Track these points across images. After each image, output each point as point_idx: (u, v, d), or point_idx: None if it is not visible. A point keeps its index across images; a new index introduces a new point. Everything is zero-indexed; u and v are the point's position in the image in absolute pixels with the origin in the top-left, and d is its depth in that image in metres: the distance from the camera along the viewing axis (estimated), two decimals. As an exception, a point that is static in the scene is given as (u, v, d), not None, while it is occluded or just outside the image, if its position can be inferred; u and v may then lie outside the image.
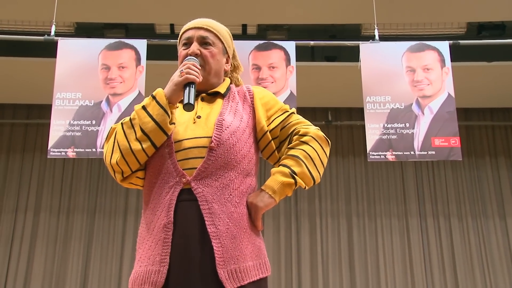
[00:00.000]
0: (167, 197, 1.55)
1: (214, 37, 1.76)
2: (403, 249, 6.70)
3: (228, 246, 1.50)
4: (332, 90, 6.50)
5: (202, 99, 1.72)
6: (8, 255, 6.47)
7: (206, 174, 1.55)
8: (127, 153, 1.58)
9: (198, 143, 1.59)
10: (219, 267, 1.47)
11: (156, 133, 1.57)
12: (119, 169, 1.61)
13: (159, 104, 1.58)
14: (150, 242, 1.56)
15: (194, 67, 1.62)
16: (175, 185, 1.55)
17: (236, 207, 1.56)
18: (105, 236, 6.61)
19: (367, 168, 7.03)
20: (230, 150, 1.58)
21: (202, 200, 1.53)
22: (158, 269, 1.50)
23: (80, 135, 4.12)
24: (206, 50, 1.73)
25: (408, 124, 4.21)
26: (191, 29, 1.78)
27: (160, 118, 1.56)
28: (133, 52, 4.33)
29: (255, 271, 1.54)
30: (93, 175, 6.86)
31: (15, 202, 6.69)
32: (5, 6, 5.44)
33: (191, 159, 1.57)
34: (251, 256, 1.55)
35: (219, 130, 1.59)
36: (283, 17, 5.75)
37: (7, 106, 7.01)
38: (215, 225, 1.51)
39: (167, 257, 1.50)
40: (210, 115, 1.66)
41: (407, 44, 4.43)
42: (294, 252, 6.64)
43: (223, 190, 1.55)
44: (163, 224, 1.53)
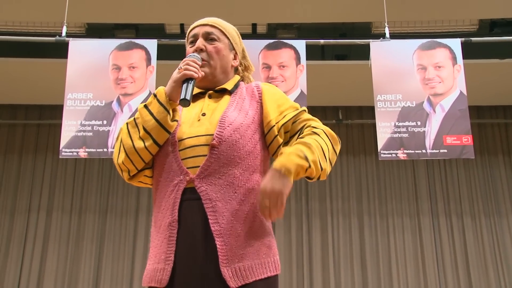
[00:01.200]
0: (171, 196, 1.56)
1: (219, 33, 1.77)
2: (415, 248, 6.66)
3: (232, 244, 1.49)
4: (343, 88, 6.48)
5: (209, 96, 1.72)
6: (21, 254, 6.52)
7: (209, 172, 1.54)
8: (131, 152, 1.60)
9: (201, 141, 1.58)
10: (222, 265, 1.47)
11: (157, 131, 1.58)
12: (126, 168, 1.63)
13: (159, 102, 1.59)
14: (157, 240, 1.57)
15: (193, 63, 1.62)
16: (179, 183, 1.55)
17: (242, 204, 1.55)
18: (117, 236, 6.64)
19: (378, 167, 7.00)
20: (233, 147, 1.56)
21: (205, 199, 1.52)
22: (163, 267, 1.51)
23: (91, 135, 4.15)
24: (211, 45, 1.73)
25: (419, 122, 4.18)
26: (197, 27, 1.79)
27: (160, 115, 1.57)
28: (143, 52, 4.34)
29: (263, 269, 1.52)
30: (105, 175, 6.90)
31: (28, 202, 6.74)
32: (17, 8, 5.49)
33: (194, 157, 1.57)
34: (258, 254, 1.53)
35: (222, 127, 1.58)
36: (293, 16, 5.74)
37: (20, 107, 7.07)
38: (218, 223, 1.50)
39: (171, 255, 1.50)
40: (215, 112, 1.65)
41: (418, 42, 4.40)
42: (306, 251, 6.62)
43: (227, 188, 1.54)
44: (168, 222, 1.54)
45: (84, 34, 5.92)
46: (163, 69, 4.49)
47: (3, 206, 6.72)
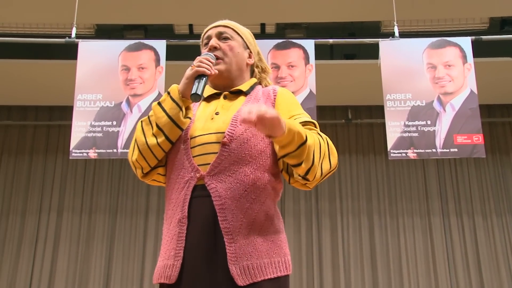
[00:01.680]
0: (182, 192, 1.56)
1: (232, 32, 1.79)
2: (426, 248, 6.62)
3: (241, 242, 1.48)
4: (352, 88, 6.46)
5: (224, 97, 1.73)
6: (32, 255, 6.57)
7: (220, 170, 1.54)
8: (144, 149, 1.61)
9: (213, 138, 1.58)
10: (230, 263, 1.46)
11: (170, 127, 1.59)
12: (139, 165, 1.64)
13: (172, 98, 1.61)
14: (168, 237, 1.58)
15: (205, 61, 1.63)
16: (189, 180, 1.56)
17: (252, 203, 1.53)
18: (127, 236, 6.67)
19: (388, 166, 6.97)
20: (244, 145, 1.56)
21: (215, 196, 1.51)
22: (172, 263, 1.51)
23: (101, 135, 4.16)
24: (224, 43, 1.75)
25: (429, 122, 4.16)
26: (210, 29, 1.81)
27: (172, 112, 1.59)
28: (152, 53, 4.35)
29: (272, 268, 1.51)
30: (115, 176, 6.93)
31: (39, 202, 6.79)
32: (27, 10, 5.52)
33: (206, 155, 1.57)
34: (268, 253, 1.52)
35: (234, 125, 1.58)
36: (302, 15, 5.73)
37: (30, 108, 7.12)
38: (227, 220, 1.49)
39: (181, 251, 1.51)
40: (228, 112, 1.65)
41: (428, 41, 4.37)
42: (316, 251, 6.61)
43: (238, 186, 1.53)
44: (178, 219, 1.54)
45: (93, 35, 5.94)
46: (172, 70, 4.50)
47: (15, 206, 6.77)
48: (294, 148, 1.47)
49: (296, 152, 1.48)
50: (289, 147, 1.47)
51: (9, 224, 6.69)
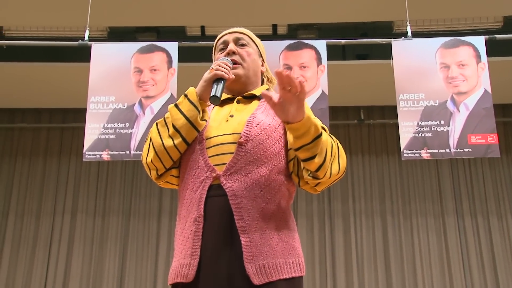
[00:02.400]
0: (197, 192, 1.57)
1: (248, 39, 1.84)
2: (440, 249, 6.57)
3: (257, 241, 1.49)
4: (364, 88, 6.43)
5: (238, 101, 1.75)
6: (47, 256, 6.62)
7: (236, 169, 1.56)
8: (160, 150, 1.62)
9: (229, 139, 1.60)
10: (246, 262, 1.47)
11: (187, 129, 1.61)
12: (154, 166, 1.65)
13: (190, 100, 1.63)
14: (183, 237, 1.58)
15: (224, 65, 1.66)
16: (205, 179, 1.57)
17: (268, 203, 1.55)
18: (140, 238, 6.70)
19: (401, 167, 6.93)
20: (259, 146, 1.58)
21: (231, 195, 1.53)
22: (189, 262, 1.52)
23: (114, 137, 4.18)
24: (242, 49, 1.79)
25: (443, 122, 4.13)
26: (226, 34, 1.85)
27: (190, 113, 1.61)
28: (164, 55, 4.37)
29: (287, 269, 1.52)
30: (127, 178, 6.96)
31: (53, 204, 6.84)
32: (40, 13, 5.57)
33: (221, 155, 1.59)
34: (283, 254, 1.53)
35: (249, 126, 1.60)
36: (314, 16, 5.72)
37: (44, 110, 7.17)
38: (244, 219, 1.51)
39: (197, 250, 1.51)
40: (243, 114, 1.68)
41: (441, 40, 4.34)
42: (328, 252, 6.59)
43: (253, 186, 1.54)
44: (193, 218, 1.55)
45: (106, 37, 5.98)
46: (184, 71, 4.51)
47: (29, 208, 6.83)
48: (309, 140, 1.49)
49: (311, 144, 1.49)
50: (305, 137, 1.49)
51: (24, 226, 6.75)
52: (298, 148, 1.52)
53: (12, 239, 6.68)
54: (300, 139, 1.50)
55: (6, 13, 5.59)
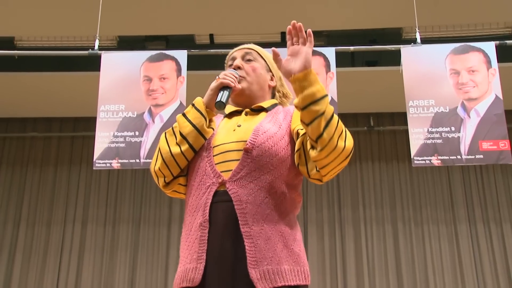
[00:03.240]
0: (203, 197, 1.59)
1: (256, 54, 1.88)
2: (453, 257, 6.51)
3: (261, 247, 1.50)
4: (374, 95, 6.42)
5: (245, 113, 1.79)
6: (58, 265, 6.64)
7: (241, 176, 1.58)
8: (168, 157, 1.66)
9: (235, 146, 1.63)
10: (250, 267, 1.47)
11: (193, 135, 1.65)
12: (161, 174, 1.68)
13: (197, 109, 1.68)
14: (189, 242, 1.60)
15: (230, 74, 1.72)
16: (211, 185, 1.59)
17: (273, 210, 1.56)
18: (150, 246, 6.70)
19: (411, 174, 6.89)
20: (265, 153, 1.59)
21: (236, 201, 1.54)
22: (195, 266, 1.53)
23: (124, 146, 4.19)
24: (248, 64, 1.84)
25: (453, 128, 4.10)
26: (236, 51, 1.90)
27: (196, 121, 1.66)
28: (173, 63, 4.38)
29: (292, 276, 1.51)
30: (137, 186, 6.97)
31: (64, 213, 6.86)
32: (51, 23, 5.62)
33: (228, 162, 1.61)
34: (287, 261, 1.53)
35: (256, 134, 1.63)
36: (322, 23, 5.72)
37: (55, 119, 7.22)
38: (248, 225, 1.52)
39: (203, 254, 1.52)
40: (250, 124, 1.71)
41: (451, 46, 4.32)
42: (339, 259, 6.55)
43: (259, 192, 1.56)
44: (199, 223, 1.57)
45: (115, 47, 6.02)
46: (194, 79, 4.53)
47: (40, 217, 6.86)
48: (316, 93, 1.53)
49: (319, 101, 1.52)
50: (311, 89, 1.52)
51: (35, 234, 6.78)
52: (305, 107, 1.52)
53: (24, 248, 6.71)
54: (307, 91, 1.52)
55: (17, 24, 5.65)
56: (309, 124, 1.53)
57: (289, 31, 1.63)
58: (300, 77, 1.55)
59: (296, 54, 1.59)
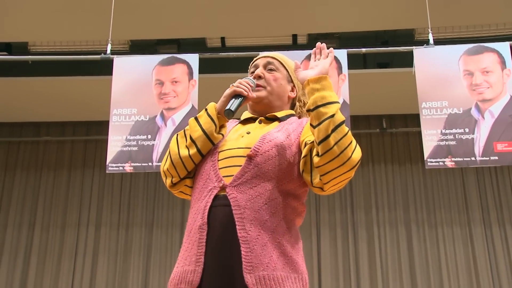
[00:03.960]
0: (203, 201, 1.61)
1: (278, 64, 1.88)
2: (468, 259, 6.44)
3: (257, 252, 1.50)
4: (386, 97, 6.38)
5: (259, 121, 1.80)
6: (72, 268, 6.68)
7: (242, 181, 1.59)
8: (176, 159, 1.70)
9: (239, 152, 1.65)
10: (245, 272, 1.47)
11: (202, 140, 1.68)
12: (169, 174, 1.73)
13: (208, 114, 1.71)
14: (188, 243, 1.62)
15: (244, 83, 1.73)
16: (212, 189, 1.61)
17: (272, 216, 1.56)
18: (163, 249, 6.72)
19: (425, 176, 6.84)
20: (268, 161, 1.60)
21: (234, 205, 1.55)
22: (193, 268, 1.54)
23: (136, 149, 4.21)
24: (269, 74, 1.85)
25: (467, 129, 4.06)
26: (259, 59, 1.91)
27: (206, 126, 1.68)
28: (185, 67, 4.39)
29: (289, 283, 1.51)
30: (150, 189, 7.00)
31: (77, 216, 6.91)
32: (64, 28, 5.67)
33: (231, 167, 1.63)
34: (284, 268, 1.52)
35: (261, 142, 1.64)
36: (334, 25, 5.70)
37: (68, 123, 7.28)
38: (245, 230, 1.52)
39: (202, 257, 1.54)
40: (259, 132, 1.72)
41: (464, 47, 4.28)
42: (352, 262, 6.51)
43: (258, 198, 1.56)
44: (198, 225, 1.58)
45: (128, 51, 6.05)
46: (205, 83, 4.53)
47: (54, 220, 6.91)
48: (328, 96, 1.58)
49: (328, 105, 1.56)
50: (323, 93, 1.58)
51: (49, 238, 6.83)
52: (314, 108, 1.56)
53: (39, 251, 6.77)
54: (318, 93, 1.58)
55: (31, 29, 5.70)
56: (317, 126, 1.54)
57: (314, 52, 1.77)
58: (313, 79, 1.62)
59: (315, 66, 1.70)
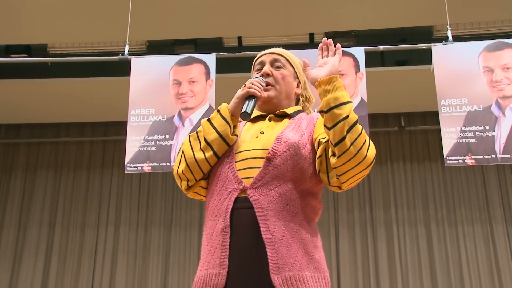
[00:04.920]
0: (224, 203, 1.61)
1: (285, 61, 1.87)
2: (489, 258, 6.36)
3: (283, 253, 1.51)
4: (404, 94, 6.33)
5: (269, 119, 1.79)
6: (92, 268, 6.74)
7: (262, 183, 1.59)
8: (191, 162, 1.67)
9: (257, 154, 1.65)
10: (272, 273, 1.48)
11: (218, 143, 1.66)
12: (185, 177, 1.70)
13: (222, 116, 1.69)
14: (210, 246, 1.61)
15: (256, 83, 1.72)
16: (232, 191, 1.61)
17: (294, 217, 1.58)
18: (182, 248, 6.74)
19: (444, 173, 6.76)
20: (287, 162, 1.61)
21: (257, 208, 1.55)
22: (218, 271, 1.54)
23: (154, 149, 4.23)
24: (277, 71, 1.83)
25: (487, 127, 4.01)
26: (264, 55, 1.89)
27: (221, 128, 1.67)
28: (202, 66, 4.40)
29: (313, 282, 1.52)
30: (168, 189, 7.03)
31: (97, 217, 6.97)
32: (82, 30, 5.72)
33: (249, 169, 1.63)
34: (308, 267, 1.54)
35: (278, 142, 1.63)
36: (351, 23, 5.67)
37: (87, 124, 7.34)
38: (270, 231, 1.53)
39: (226, 260, 1.53)
40: (273, 131, 1.72)
41: (484, 44, 4.22)
42: (372, 261, 6.47)
43: (279, 200, 1.57)
44: (220, 228, 1.58)
45: (145, 51, 6.09)
46: (222, 82, 4.54)
47: (74, 221, 6.98)
48: (341, 96, 1.56)
49: (342, 106, 1.55)
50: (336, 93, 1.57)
51: (69, 238, 6.90)
52: (328, 110, 1.54)
53: (59, 251, 6.84)
54: (331, 94, 1.56)
55: (50, 31, 5.77)
56: (332, 128, 1.54)
57: (320, 47, 1.74)
58: (324, 81, 1.60)
59: (324, 64, 1.68)
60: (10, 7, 5.31)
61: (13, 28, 5.64)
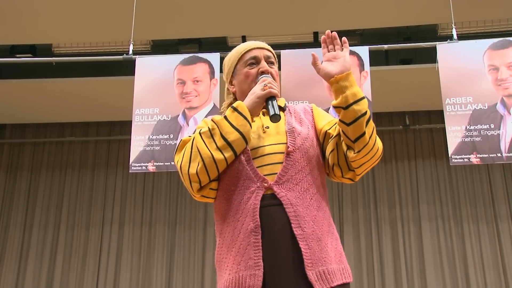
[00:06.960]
0: (249, 202, 1.57)
1: (273, 58, 1.86)
2: (495, 255, 6.35)
3: (315, 248, 1.53)
4: (409, 93, 6.32)
5: (263, 113, 1.77)
6: (97, 266, 6.76)
7: (286, 179, 1.59)
8: (209, 162, 1.58)
9: (275, 149, 1.64)
10: (307, 269, 1.49)
11: (239, 143, 1.59)
12: (198, 178, 1.60)
13: (243, 115, 1.61)
14: (237, 248, 1.56)
15: (274, 82, 1.70)
16: (256, 190, 1.58)
17: (318, 210, 1.60)
18: (186, 247, 6.76)
19: (450, 172, 6.75)
20: (305, 155, 1.64)
21: (286, 204, 1.55)
22: (253, 273, 1.51)
23: (159, 149, 4.24)
24: (272, 68, 1.81)
25: (493, 125, 3.99)
26: (255, 49, 1.83)
27: (243, 128, 1.60)
28: (206, 66, 4.40)
29: (341, 275, 1.55)
30: (173, 188, 7.04)
31: (101, 215, 6.99)
32: (86, 30, 5.73)
33: (269, 165, 1.62)
34: (335, 260, 1.57)
35: (292, 136, 1.65)
36: (355, 22, 5.66)
37: (92, 124, 7.36)
38: (301, 227, 1.54)
39: (260, 260, 1.51)
40: (278, 125, 1.71)
41: (489, 42, 4.21)
42: (376, 259, 6.47)
43: (305, 194, 1.59)
44: (250, 228, 1.54)
45: (149, 51, 6.10)
46: (227, 82, 4.53)
47: (79, 219, 7.00)
48: (358, 92, 1.59)
49: (359, 102, 1.58)
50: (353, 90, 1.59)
51: (74, 237, 6.93)
52: (347, 106, 1.57)
53: (64, 249, 6.87)
54: (349, 91, 1.58)
55: (54, 31, 5.78)
56: (351, 124, 1.57)
57: (324, 40, 1.71)
58: (342, 77, 1.60)
59: (334, 58, 1.66)
60: (14, 8, 5.32)
61: (17, 28, 5.66)
